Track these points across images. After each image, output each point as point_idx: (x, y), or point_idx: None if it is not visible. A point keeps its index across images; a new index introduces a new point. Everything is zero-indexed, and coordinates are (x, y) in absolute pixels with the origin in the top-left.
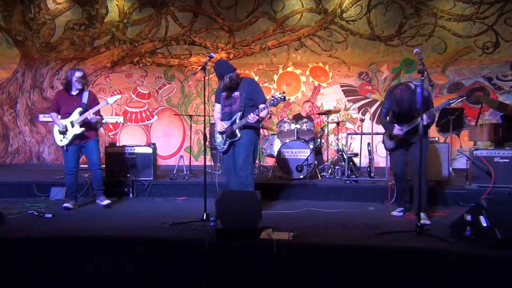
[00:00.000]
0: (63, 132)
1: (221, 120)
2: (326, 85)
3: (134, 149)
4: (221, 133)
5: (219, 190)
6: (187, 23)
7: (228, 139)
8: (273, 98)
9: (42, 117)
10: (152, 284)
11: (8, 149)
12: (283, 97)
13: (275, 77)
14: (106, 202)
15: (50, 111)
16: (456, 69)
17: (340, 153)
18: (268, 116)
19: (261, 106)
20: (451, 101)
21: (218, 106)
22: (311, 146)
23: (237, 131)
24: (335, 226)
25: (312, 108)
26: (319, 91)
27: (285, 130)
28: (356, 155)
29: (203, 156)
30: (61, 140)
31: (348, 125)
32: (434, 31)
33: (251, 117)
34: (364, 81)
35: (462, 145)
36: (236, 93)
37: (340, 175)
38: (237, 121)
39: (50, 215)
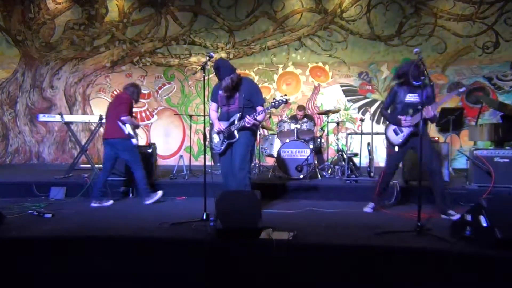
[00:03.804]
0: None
1: (219, 120)
2: (326, 85)
3: None
4: (218, 133)
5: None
6: (187, 23)
7: (225, 140)
8: (274, 101)
9: (42, 117)
10: (152, 284)
11: (8, 149)
12: (284, 100)
13: (275, 77)
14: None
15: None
16: (456, 69)
17: (340, 153)
18: (268, 116)
19: (259, 109)
20: (460, 90)
21: (214, 105)
22: (311, 146)
23: (235, 132)
24: (335, 226)
25: (300, 112)
26: (319, 91)
27: (285, 130)
28: (356, 155)
29: (203, 156)
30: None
31: (348, 125)
32: (434, 31)
33: (248, 120)
34: (364, 81)
35: (462, 145)
36: (236, 93)
37: (340, 175)
38: (236, 122)
39: (50, 215)
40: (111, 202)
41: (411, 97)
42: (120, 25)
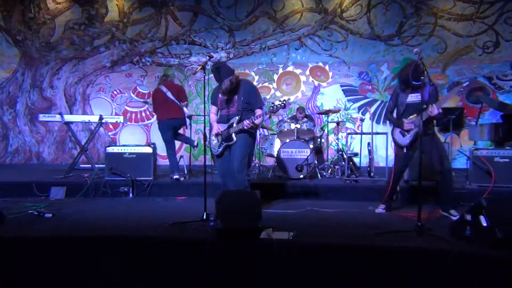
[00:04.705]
0: None
1: (218, 123)
2: (326, 84)
3: (134, 149)
4: (216, 135)
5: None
6: (187, 23)
7: (223, 142)
8: (273, 105)
9: (42, 117)
10: (152, 284)
11: (8, 149)
12: (283, 105)
13: (275, 77)
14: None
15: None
16: (456, 68)
17: (340, 152)
18: (268, 116)
19: (258, 113)
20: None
21: (214, 108)
22: (311, 146)
23: (233, 135)
24: (335, 226)
25: (301, 115)
26: (319, 90)
27: (285, 130)
28: (356, 154)
29: (203, 155)
30: None
31: (348, 124)
32: (434, 31)
33: (246, 124)
34: (364, 81)
35: (462, 145)
36: (235, 96)
37: (340, 174)
38: (234, 125)
39: (50, 215)
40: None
41: (413, 97)
42: (120, 25)
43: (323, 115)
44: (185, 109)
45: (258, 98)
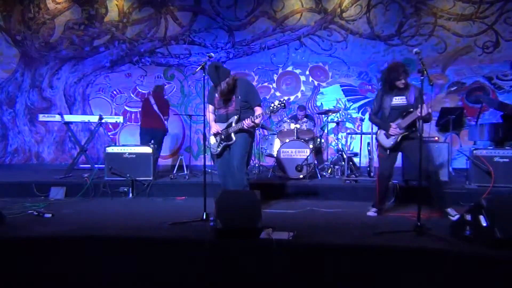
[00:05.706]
0: None
1: (216, 122)
2: (326, 84)
3: (134, 149)
4: (215, 135)
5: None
6: (186, 23)
7: (222, 142)
8: (273, 106)
9: (41, 117)
10: (152, 284)
11: (8, 149)
12: (283, 105)
13: (275, 77)
14: None
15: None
16: (456, 68)
17: (340, 152)
18: (268, 115)
19: (258, 112)
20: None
21: (211, 107)
22: (311, 146)
23: (232, 134)
24: (335, 226)
25: (301, 113)
26: (319, 90)
27: (285, 130)
28: (356, 154)
29: (202, 155)
30: None
31: (348, 124)
32: (434, 31)
33: (246, 123)
34: (364, 81)
35: (462, 145)
36: (232, 96)
37: (340, 174)
38: (233, 124)
39: (50, 215)
40: None
41: (398, 100)
42: (119, 25)
43: (323, 115)
44: (165, 122)
45: (256, 95)
